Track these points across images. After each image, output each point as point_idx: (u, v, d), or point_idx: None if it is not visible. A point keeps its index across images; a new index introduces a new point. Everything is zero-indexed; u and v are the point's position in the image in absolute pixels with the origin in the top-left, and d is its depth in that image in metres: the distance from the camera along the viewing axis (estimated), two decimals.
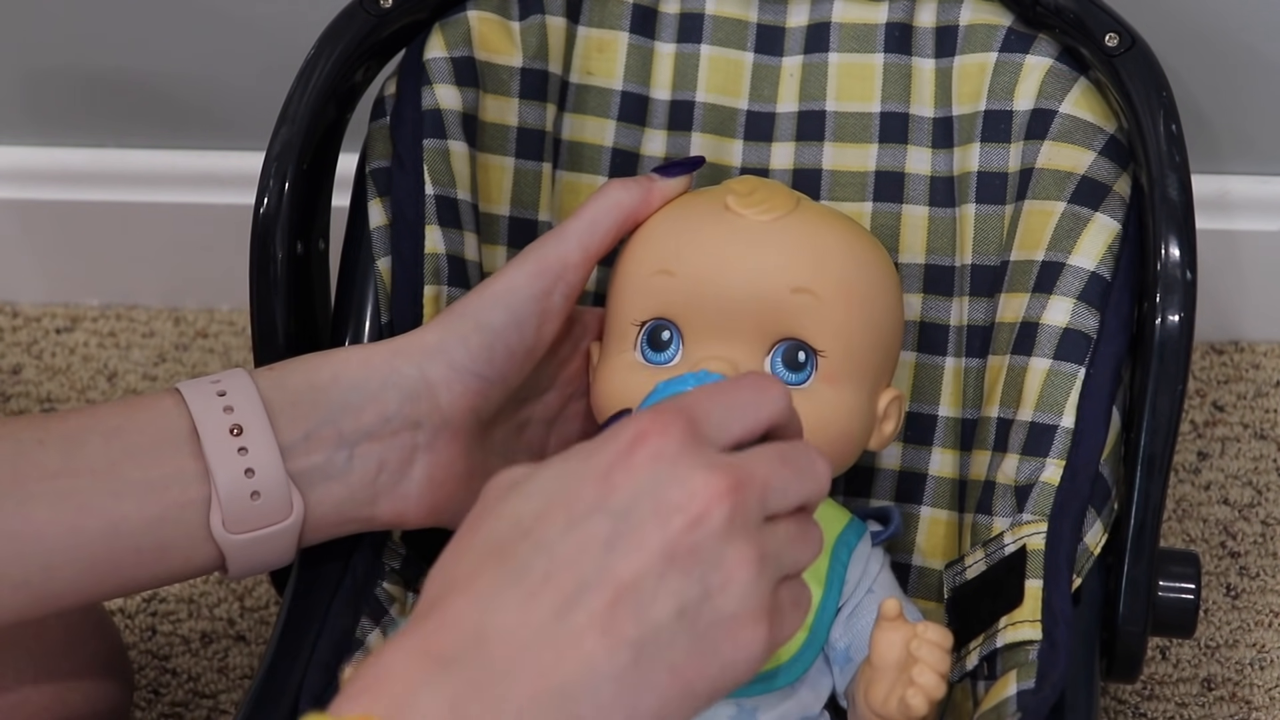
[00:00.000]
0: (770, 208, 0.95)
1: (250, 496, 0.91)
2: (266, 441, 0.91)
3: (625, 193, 0.97)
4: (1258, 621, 1.22)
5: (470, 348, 0.94)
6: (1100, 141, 1.01)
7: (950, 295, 1.05)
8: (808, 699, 0.93)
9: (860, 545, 0.96)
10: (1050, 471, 0.97)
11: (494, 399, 0.96)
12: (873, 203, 1.06)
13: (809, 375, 0.94)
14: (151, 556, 0.90)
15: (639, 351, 0.95)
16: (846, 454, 0.96)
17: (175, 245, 1.40)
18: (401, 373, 0.94)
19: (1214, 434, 1.31)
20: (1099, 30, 1.01)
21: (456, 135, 1.04)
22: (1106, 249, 1.00)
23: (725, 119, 1.09)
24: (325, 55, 1.03)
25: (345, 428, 0.93)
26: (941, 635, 0.88)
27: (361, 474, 0.93)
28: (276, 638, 0.95)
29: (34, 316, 1.43)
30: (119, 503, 0.89)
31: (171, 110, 1.35)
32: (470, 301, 0.96)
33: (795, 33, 1.08)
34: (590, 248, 0.96)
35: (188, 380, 0.93)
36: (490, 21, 1.06)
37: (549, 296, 0.95)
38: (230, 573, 0.93)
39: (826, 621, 0.93)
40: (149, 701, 1.21)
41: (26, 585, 0.89)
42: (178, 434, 0.91)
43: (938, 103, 1.06)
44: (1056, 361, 0.98)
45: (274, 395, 0.92)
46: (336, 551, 0.97)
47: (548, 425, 1.02)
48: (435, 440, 0.94)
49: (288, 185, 1.01)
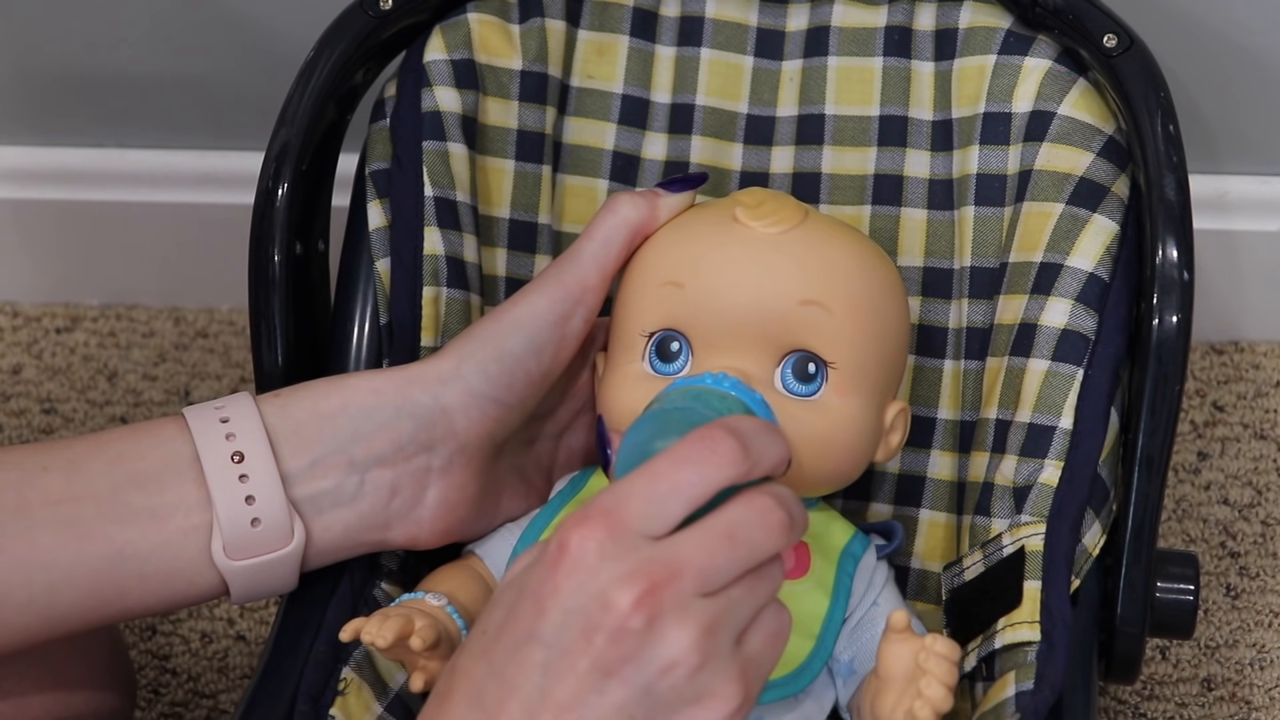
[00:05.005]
0: (779, 220, 0.95)
1: (251, 523, 0.91)
2: (268, 469, 0.91)
3: (633, 209, 0.96)
4: (1258, 621, 1.22)
5: (490, 374, 0.94)
6: (1099, 143, 1.02)
7: (949, 298, 1.05)
8: (811, 710, 0.93)
9: (865, 557, 0.96)
10: (1049, 473, 0.97)
11: (511, 423, 0.96)
12: (871, 206, 1.06)
13: (819, 387, 0.94)
14: (155, 582, 0.91)
15: (647, 362, 0.95)
16: (853, 466, 0.96)
17: (175, 245, 1.40)
18: (416, 401, 0.93)
19: (1214, 434, 1.31)
20: (1098, 31, 1.01)
21: (456, 137, 1.04)
22: (1104, 250, 1.00)
23: (725, 122, 1.09)
24: (325, 56, 1.03)
25: (356, 455, 0.93)
26: (949, 648, 0.88)
27: (374, 499, 0.93)
28: (274, 637, 0.95)
29: (34, 316, 1.43)
30: (122, 528, 0.90)
31: (171, 110, 1.35)
32: (488, 326, 0.95)
33: (795, 36, 1.08)
34: (605, 268, 0.96)
35: (192, 406, 0.93)
36: (490, 24, 1.06)
37: (569, 321, 0.95)
38: (233, 598, 0.93)
39: (833, 632, 0.93)
40: (149, 701, 1.21)
41: (31, 607, 0.89)
42: (180, 460, 0.91)
43: (937, 106, 1.06)
44: (1055, 363, 0.98)
45: (278, 422, 0.92)
46: None
47: (556, 438, 1.02)
48: (450, 465, 0.94)
49: (287, 186, 1.01)
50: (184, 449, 0.91)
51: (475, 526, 0.97)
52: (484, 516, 0.97)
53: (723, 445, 0.78)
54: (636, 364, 0.95)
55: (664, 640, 0.77)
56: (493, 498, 0.97)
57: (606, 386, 0.96)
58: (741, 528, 0.78)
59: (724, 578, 0.78)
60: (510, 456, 0.99)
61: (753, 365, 0.93)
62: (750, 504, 0.79)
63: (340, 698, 0.92)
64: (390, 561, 0.99)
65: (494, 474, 0.97)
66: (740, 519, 0.79)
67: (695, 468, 0.78)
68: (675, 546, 0.78)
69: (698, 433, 0.79)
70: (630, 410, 0.93)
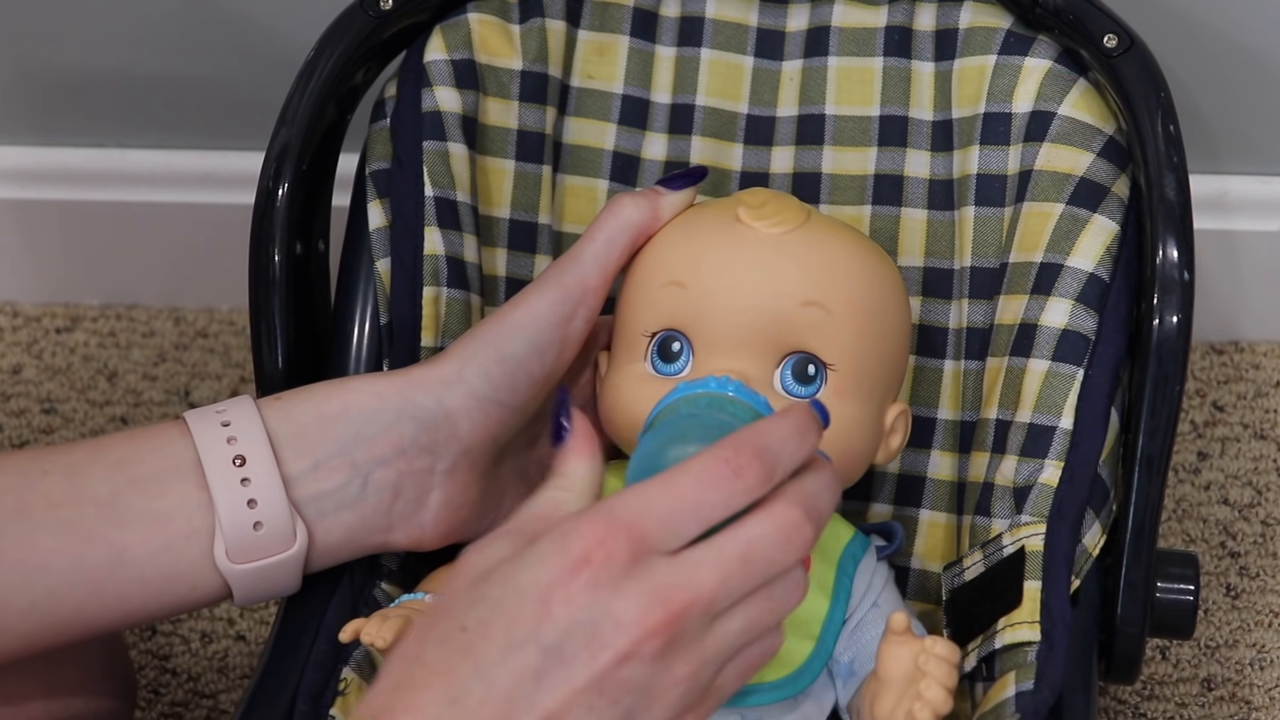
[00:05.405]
0: (781, 220, 0.95)
1: (253, 527, 0.91)
2: (269, 472, 0.91)
3: (635, 210, 0.96)
4: (1258, 621, 1.22)
5: (492, 377, 0.94)
6: (1099, 143, 1.02)
7: (949, 298, 1.05)
8: (811, 711, 0.93)
9: (865, 559, 0.96)
10: (1049, 473, 0.97)
11: (514, 425, 0.96)
12: (871, 206, 1.06)
13: (818, 388, 0.94)
14: (156, 586, 0.91)
15: (649, 363, 0.95)
16: (854, 468, 0.96)
17: (175, 245, 1.40)
18: (418, 404, 0.93)
19: (1214, 434, 1.31)
20: (1098, 31, 1.01)
21: (456, 137, 1.04)
22: (1105, 250, 1.00)
23: (725, 123, 1.09)
24: (325, 56, 1.03)
25: (358, 457, 0.93)
26: (949, 650, 0.88)
27: (376, 502, 0.93)
28: (274, 637, 0.95)
29: (34, 316, 1.43)
30: (123, 532, 0.90)
31: (171, 110, 1.35)
32: (490, 329, 0.95)
33: (795, 37, 1.08)
34: (607, 269, 0.96)
35: (194, 410, 0.93)
36: (490, 24, 1.06)
37: (570, 322, 0.95)
38: (236, 601, 0.93)
39: (833, 634, 0.93)
40: (149, 701, 1.21)
41: (33, 611, 0.89)
42: (182, 464, 0.91)
43: (937, 106, 1.06)
44: (1055, 363, 0.98)
45: (279, 425, 0.92)
46: None
47: None
48: (454, 468, 0.94)
49: (288, 186, 1.01)
50: (185, 452, 0.91)
51: (477, 528, 0.97)
52: (486, 517, 0.97)
53: (749, 470, 0.78)
54: (639, 364, 0.95)
55: (665, 670, 0.77)
56: (495, 499, 0.97)
57: (609, 387, 0.96)
58: (760, 554, 0.78)
59: (735, 598, 0.78)
60: (512, 457, 0.99)
61: (752, 366, 0.93)
62: (774, 518, 0.79)
63: (340, 698, 0.92)
64: (390, 562, 0.99)
65: (496, 475, 0.97)
66: (759, 536, 0.79)
67: (720, 491, 0.78)
68: (691, 568, 0.77)
69: (724, 450, 0.79)
70: (632, 410, 0.93)
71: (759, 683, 0.91)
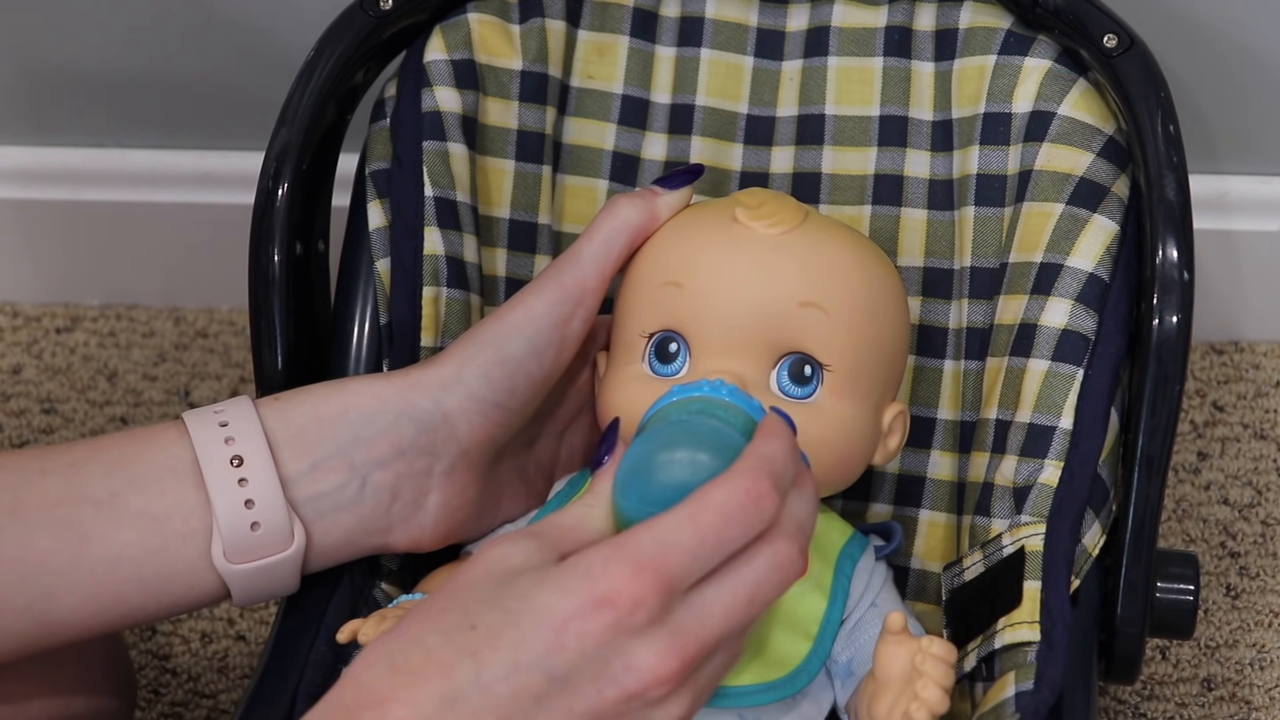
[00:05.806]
0: (779, 221, 0.95)
1: (250, 527, 0.91)
2: (267, 473, 0.91)
3: (633, 210, 0.96)
4: (1258, 621, 1.22)
5: (491, 379, 0.94)
6: (1099, 143, 1.02)
7: (949, 298, 1.05)
8: (809, 711, 0.93)
9: (863, 559, 0.95)
10: (1049, 473, 0.97)
11: (513, 426, 0.96)
12: (871, 206, 1.06)
13: (814, 389, 0.93)
14: (154, 586, 0.91)
15: (647, 363, 0.95)
16: (850, 469, 0.96)
17: (175, 245, 1.40)
18: (417, 406, 0.93)
19: (1214, 434, 1.31)
20: (1098, 31, 1.01)
21: (456, 137, 1.04)
22: (1105, 250, 1.00)
23: (725, 123, 1.09)
24: (325, 56, 1.03)
25: (356, 458, 0.93)
26: (946, 650, 0.88)
27: (375, 504, 0.93)
28: (274, 638, 0.95)
29: (34, 316, 1.43)
30: (120, 532, 0.90)
31: (171, 110, 1.35)
32: (488, 330, 0.95)
33: (795, 37, 1.08)
34: (605, 270, 0.96)
35: (192, 410, 0.93)
36: (490, 24, 1.06)
37: (568, 323, 0.95)
38: (235, 602, 0.93)
39: (831, 634, 0.93)
40: (149, 701, 1.21)
41: (29, 611, 0.89)
42: (179, 464, 0.91)
43: (937, 106, 1.06)
44: (1055, 363, 0.98)
45: (277, 426, 0.92)
46: None
47: (558, 438, 1.02)
48: (452, 470, 0.94)
49: (287, 186, 1.01)
50: (183, 453, 0.91)
51: (476, 528, 0.97)
52: (484, 518, 0.97)
53: (767, 499, 0.80)
54: (636, 365, 0.95)
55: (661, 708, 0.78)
56: (493, 499, 0.97)
57: (607, 387, 0.96)
58: (764, 589, 0.80)
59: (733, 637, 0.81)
60: (511, 458, 0.99)
61: (748, 368, 0.93)
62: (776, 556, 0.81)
63: None
64: (390, 562, 0.99)
65: (495, 476, 0.97)
66: (765, 579, 0.80)
67: (742, 526, 0.79)
68: (705, 614, 0.79)
69: (743, 480, 0.80)
70: (629, 411, 0.93)
71: (758, 682, 0.90)
